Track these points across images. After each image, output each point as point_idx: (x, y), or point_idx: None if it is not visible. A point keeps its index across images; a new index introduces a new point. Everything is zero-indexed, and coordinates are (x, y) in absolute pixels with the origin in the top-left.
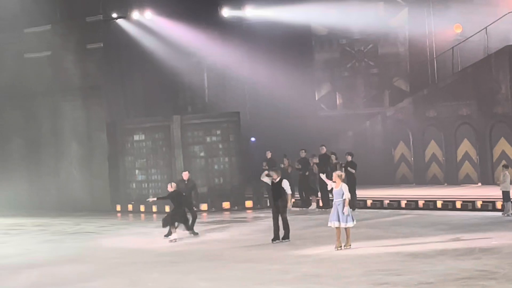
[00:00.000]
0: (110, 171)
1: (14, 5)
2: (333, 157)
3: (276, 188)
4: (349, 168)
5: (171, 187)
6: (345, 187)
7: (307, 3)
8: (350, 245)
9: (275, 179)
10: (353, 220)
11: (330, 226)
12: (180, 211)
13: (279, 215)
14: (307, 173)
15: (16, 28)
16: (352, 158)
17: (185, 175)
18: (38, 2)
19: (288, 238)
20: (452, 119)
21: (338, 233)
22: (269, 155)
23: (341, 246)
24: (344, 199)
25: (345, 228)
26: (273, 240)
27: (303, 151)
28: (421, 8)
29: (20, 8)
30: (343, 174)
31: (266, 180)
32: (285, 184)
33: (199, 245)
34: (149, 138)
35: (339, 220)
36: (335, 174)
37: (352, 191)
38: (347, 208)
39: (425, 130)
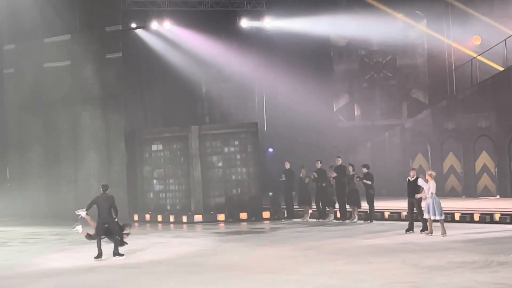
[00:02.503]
0: (128, 181)
1: (34, 15)
2: (350, 168)
3: (412, 185)
4: (364, 180)
5: None
6: (433, 184)
7: (326, 14)
8: (445, 234)
9: (412, 177)
10: (441, 214)
11: (426, 218)
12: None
13: (414, 208)
14: (324, 184)
15: (36, 37)
16: (368, 170)
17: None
18: (58, 12)
19: (426, 229)
20: (471, 131)
21: (431, 223)
22: (287, 165)
23: (431, 233)
24: (432, 193)
25: (439, 220)
26: (407, 230)
27: (319, 162)
28: (440, 20)
29: (40, 18)
30: (434, 172)
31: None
32: (420, 181)
33: (216, 256)
34: (167, 148)
35: (433, 213)
36: (427, 174)
37: (369, 203)
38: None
39: (444, 142)
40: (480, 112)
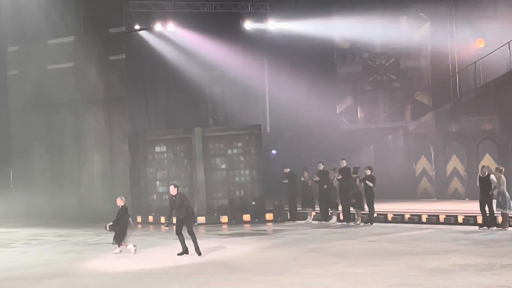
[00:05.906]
0: (131, 182)
1: (38, 17)
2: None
3: (484, 182)
4: (367, 182)
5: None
6: (503, 179)
7: (329, 17)
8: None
9: (483, 175)
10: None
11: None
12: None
13: (486, 205)
14: (325, 186)
15: (40, 39)
16: (371, 172)
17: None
18: (62, 14)
19: (495, 225)
20: (474, 134)
21: (504, 217)
22: (286, 170)
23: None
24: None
25: (506, 213)
26: (480, 226)
27: (321, 164)
28: (444, 22)
29: (44, 20)
30: (503, 168)
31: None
32: (493, 177)
33: (219, 258)
34: (170, 150)
35: (501, 207)
36: (496, 170)
37: (370, 205)
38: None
39: (447, 144)
40: (484, 115)
